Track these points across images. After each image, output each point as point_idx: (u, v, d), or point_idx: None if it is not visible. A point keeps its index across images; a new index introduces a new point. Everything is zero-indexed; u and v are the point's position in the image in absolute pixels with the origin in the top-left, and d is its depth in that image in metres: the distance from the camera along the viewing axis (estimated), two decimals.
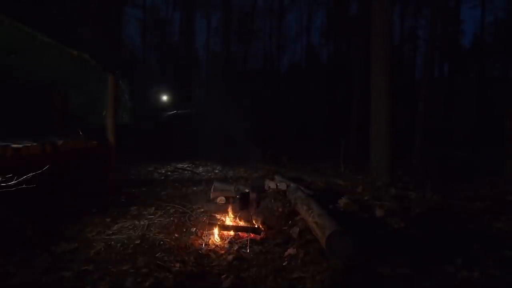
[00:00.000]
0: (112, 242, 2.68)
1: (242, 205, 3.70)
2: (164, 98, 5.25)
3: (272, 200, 3.89)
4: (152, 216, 3.46)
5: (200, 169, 7.21)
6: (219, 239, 2.85)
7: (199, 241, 2.79)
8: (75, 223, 3.07)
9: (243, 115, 10.96)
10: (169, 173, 6.57)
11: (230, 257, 2.44)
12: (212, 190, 4.20)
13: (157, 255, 2.46)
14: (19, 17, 3.10)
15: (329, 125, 14.88)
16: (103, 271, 2.17)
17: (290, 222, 3.16)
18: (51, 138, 3.56)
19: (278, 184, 4.49)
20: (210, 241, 2.80)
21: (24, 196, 2.34)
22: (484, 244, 2.57)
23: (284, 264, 2.32)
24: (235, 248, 2.66)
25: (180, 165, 7.18)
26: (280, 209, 3.56)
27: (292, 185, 4.38)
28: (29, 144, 2.99)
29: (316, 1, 22.33)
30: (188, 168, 7.20)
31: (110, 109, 4.38)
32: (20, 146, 2.87)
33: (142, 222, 3.21)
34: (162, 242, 2.71)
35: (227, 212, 3.55)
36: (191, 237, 2.88)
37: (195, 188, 5.08)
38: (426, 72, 10.70)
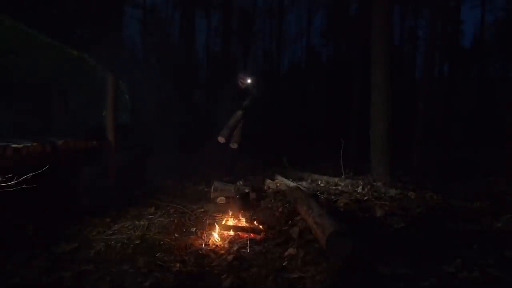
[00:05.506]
0: (112, 242, 2.67)
1: (242, 205, 3.71)
2: (249, 81, 4.33)
3: (272, 200, 3.89)
4: (152, 216, 3.46)
5: None
6: (219, 239, 2.85)
7: (199, 241, 2.79)
8: (75, 223, 3.06)
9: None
10: None
11: (230, 257, 2.44)
12: (212, 190, 4.20)
13: (157, 255, 2.46)
14: (19, 17, 3.11)
15: (329, 125, 14.88)
16: (103, 271, 2.17)
17: (290, 222, 3.16)
18: (51, 138, 3.55)
19: (278, 184, 4.49)
20: (210, 241, 2.80)
21: (24, 196, 2.34)
22: (484, 244, 2.57)
23: (284, 264, 2.31)
24: (235, 248, 2.65)
25: None
26: (280, 209, 3.56)
27: (292, 185, 4.39)
28: (29, 144, 2.98)
29: (316, 1, 22.31)
30: None
31: (110, 109, 4.37)
32: (20, 146, 2.86)
33: (142, 222, 3.21)
34: (162, 242, 2.71)
35: (227, 212, 3.55)
36: (191, 237, 2.88)
37: (195, 188, 5.08)
38: (426, 72, 10.71)
